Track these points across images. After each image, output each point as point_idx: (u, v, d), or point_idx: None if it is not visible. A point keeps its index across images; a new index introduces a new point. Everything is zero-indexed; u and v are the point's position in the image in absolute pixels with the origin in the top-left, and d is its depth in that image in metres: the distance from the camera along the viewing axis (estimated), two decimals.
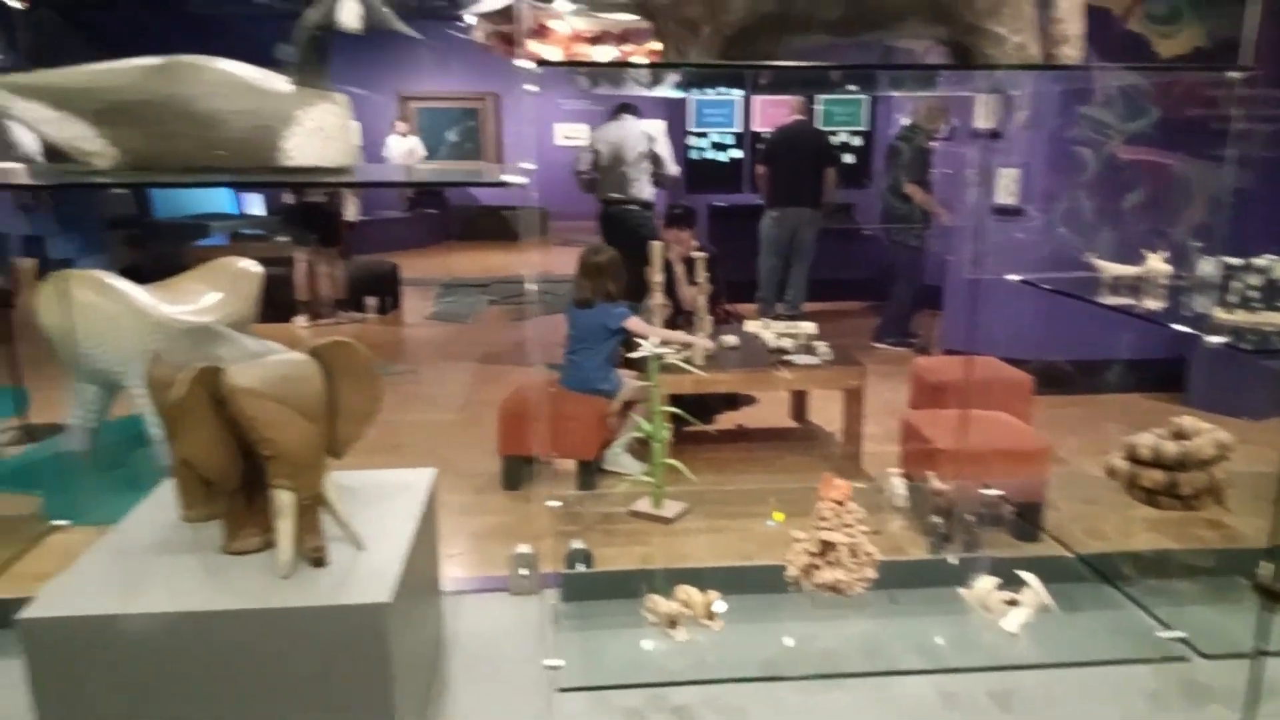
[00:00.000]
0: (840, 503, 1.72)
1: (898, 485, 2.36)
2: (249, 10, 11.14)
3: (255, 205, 13.42)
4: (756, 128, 8.89)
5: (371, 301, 7.94)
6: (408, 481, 2.05)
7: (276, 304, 6.07)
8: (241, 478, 1.63)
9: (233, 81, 1.47)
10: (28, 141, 1.94)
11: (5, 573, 3.12)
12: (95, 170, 1.43)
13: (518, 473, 3.97)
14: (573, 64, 1.82)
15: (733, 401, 4.76)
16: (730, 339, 4.33)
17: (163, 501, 1.92)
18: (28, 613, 1.48)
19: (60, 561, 2.26)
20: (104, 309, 4.01)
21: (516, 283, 9.11)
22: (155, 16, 10.95)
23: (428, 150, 12.71)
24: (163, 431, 1.77)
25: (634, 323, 4.00)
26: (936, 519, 2.36)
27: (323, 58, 1.53)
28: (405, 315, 7.97)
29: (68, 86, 1.45)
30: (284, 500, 1.56)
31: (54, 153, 1.53)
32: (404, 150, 11.86)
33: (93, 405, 4.36)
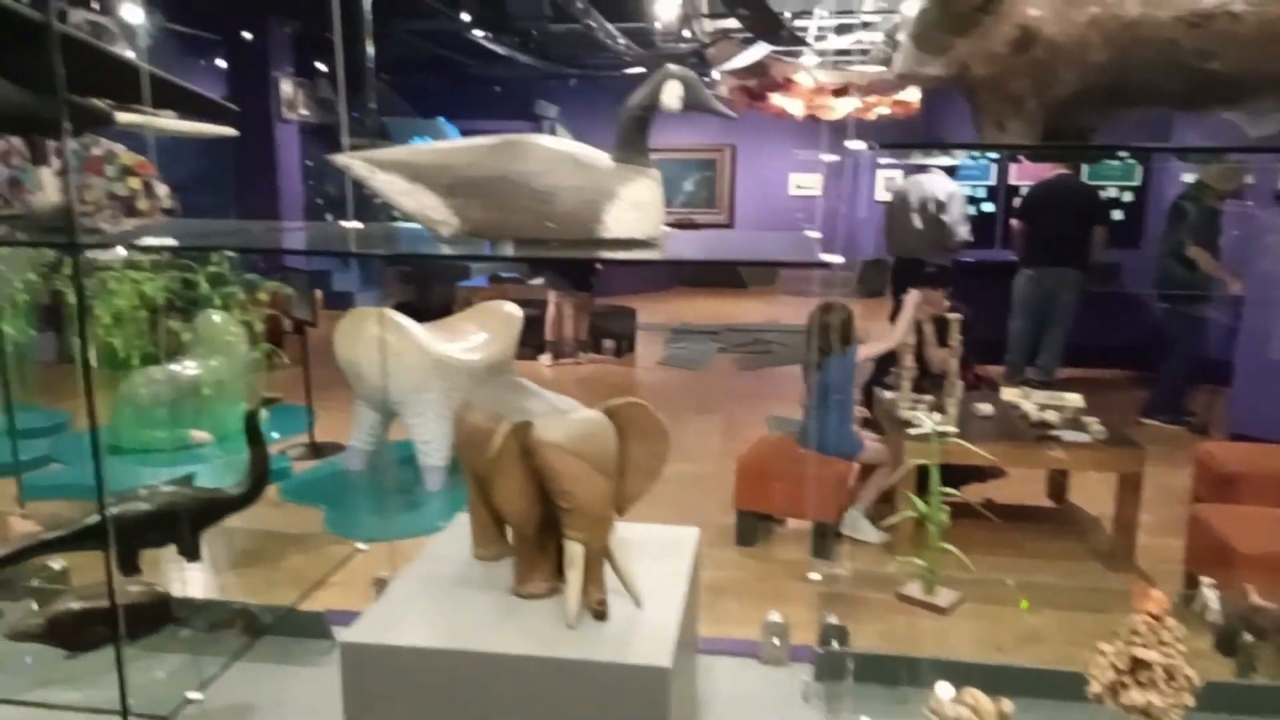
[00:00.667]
0: (1157, 617, 1.55)
1: (1211, 598, 2.11)
2: (525, 73, 12.09)
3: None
4: (1013, 181, 8.46)
5: (609, 344, 8.27)
6: (674, 539, 2.08)
7: (524, 342, 6.46)
8: (537, 525, 1.72)
9: (564, 158, 1.58)
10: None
11: (298, 584, 3.46)
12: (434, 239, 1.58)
13: (753, 529, 3.95)
14: (904, 145, 1.79)
15: (980, 474, 4.48)
16: (984, 407, 4.10)
17: (456, 535, 2.06)
18: (349, 636, 1.63)
19: (347, 577, 2.47)
20: (391, 344, 4.42)
21: (747, 331, 9.14)
22: (447, 82, 12.15)
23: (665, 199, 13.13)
24: (466, 473, 1.91)
25: (865, 348, 3.93)
26: (1249, 637, 2.08)
27: (642, 136, 1.60)
28: (639, 359, 8.21)
29: (421, 163, 1.62)
30: (576, 552, 1.63)
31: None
32: None
33: (372, 430, 4.81)
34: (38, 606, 2.04)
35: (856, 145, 1.51)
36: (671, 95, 1.58)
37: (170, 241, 1.45)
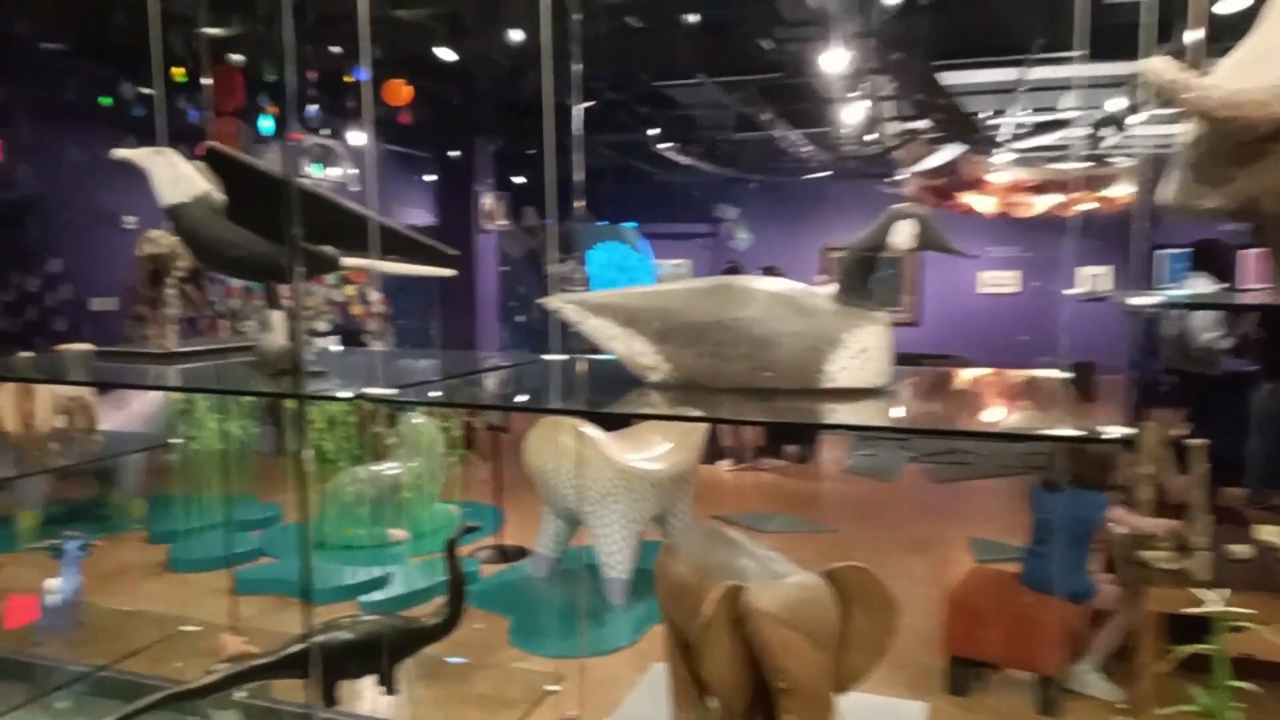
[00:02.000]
0: None
1: None
2: (706, 178, 12.39)
3: None
4: (1247, 284, 7.65)
5: (790, 449, 8.02)
6: (898, 715, 1.86)
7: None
8: (747, 699, 1.56)
9: (783, 302, 1.48)
10: None
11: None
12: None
13: (966, 677, 3.57)
14: None
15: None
16: (1240, 549, 3.57)
17: (653, 692, 1.93)
18: None
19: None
20: (579, 454, 4.43)
21: (939, 437, 8.64)
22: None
23: None
24: (666, 625, 1.79)
25: (1119, 514, 3.47)
26: None
27: (867, 278, 1.48)
28: (822, 466, 7.91)
29: (632, 307, 1.56)
30: None
31: None
32: None
33: (558, 537, 4.81)
34: None
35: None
36: (904, 235, 1.46)
37: (390, 393, 1.44)
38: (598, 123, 9.46)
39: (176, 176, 1.67)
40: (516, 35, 5.87)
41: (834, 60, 5.84)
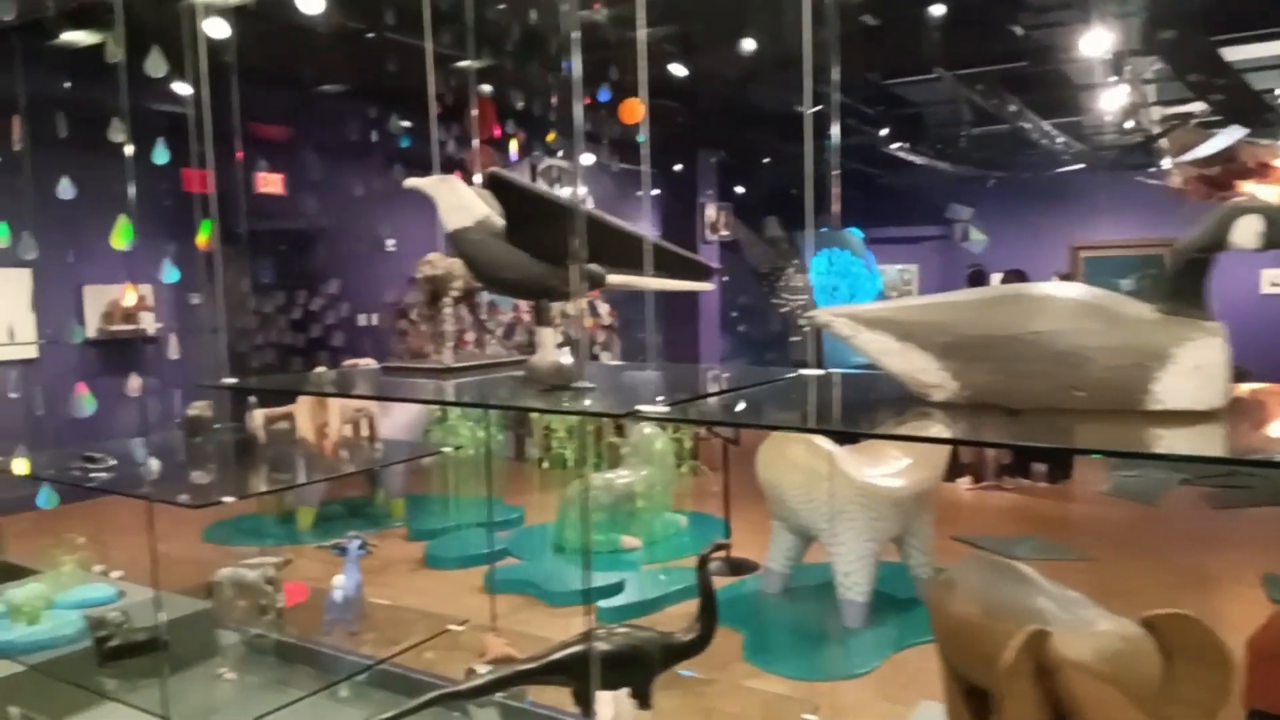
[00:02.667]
0: None
1: None
2: (937, 178, 11.84)
3: None
4: None
5: (1039, 468, 7.42)
6: None
7: None
8: None
9: (1091, 312, 1.32)
10: None
11: None
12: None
13: None
14: None
15: None
16: None
17: None
18: None
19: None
20: (814, 468, 4.31)
21: (1219, 459, 7.67)
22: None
23: None
24: (943, 667, 1.66)
25: None
26: None
27: (1201, 283, 1.29)
28: (1076, 487, 7.24)
29: (911, 320, 1.46)
30: None
31: None
32: None
33: (789, 552, 4.70)
34: None
35: None
36: (1247, 233, 1.26)
37: (663, 411, 1.43)
38: (824, 126, 9.25)
39: (459, 203, 1.76)
40: (746, 46, 5.86)
41: (1095, 42, 5.34)
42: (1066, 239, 13.43)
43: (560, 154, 9.30)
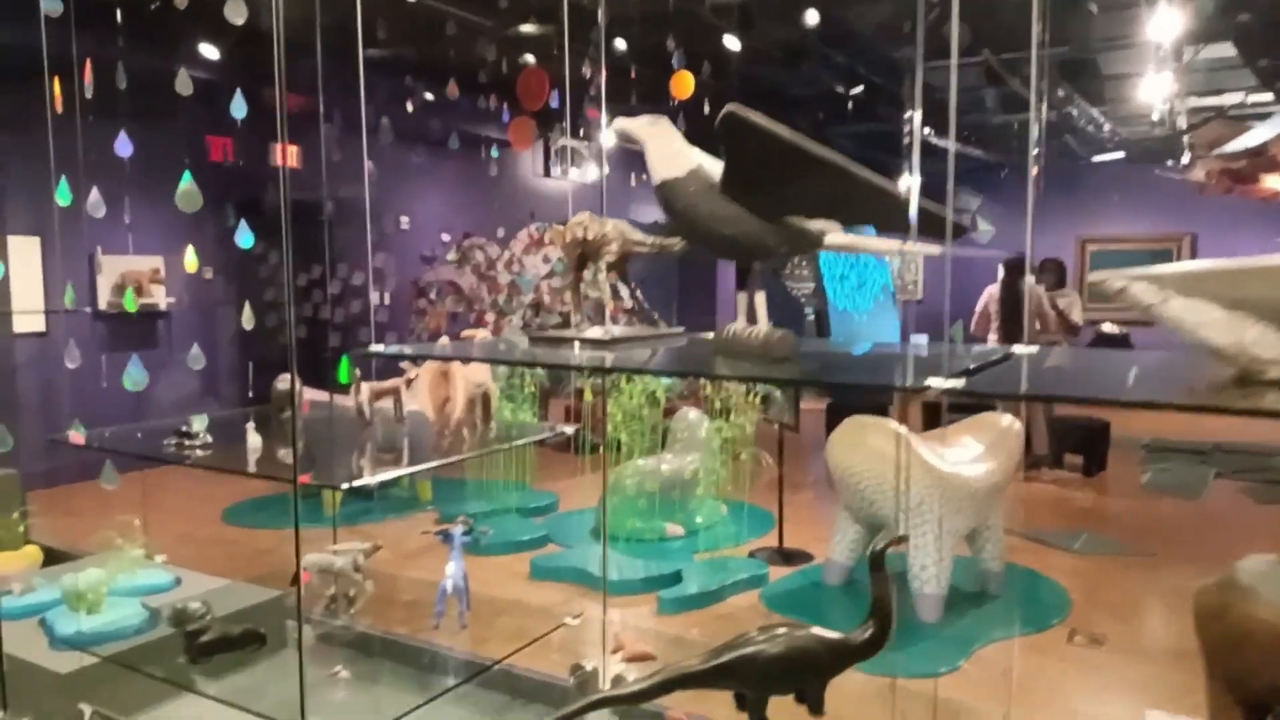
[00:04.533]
0: None
1: None
2: (941, 165, 11.71)
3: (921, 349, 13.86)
4: None
5: (1073, 460, 7.32)
6: None
7: None
8: None
9: None
10: None
11: None
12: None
13: None
14: None
15: None
16: None
17: None
18: None
19: None
20: (892, 456, 4.14)
21: (1251, 453, 7.61)
22: None
23: None
24: (1211, 676, 1.49)
25: None
26: None
27: None
28: (1111, 480, 7.15)
29: (1246, 284, 1.26)
30: None
31: None
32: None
33: (855, 544, 4.53)
34: None
35: None
36: None
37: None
38: (843, 113, 9.09)
39: (672, 150, 1.55)
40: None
41: (1164, 25, 5.19)
42: (1075, 231, 13.37)
43: (582, 133, 9.04)
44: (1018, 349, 1.75)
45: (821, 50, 7.15)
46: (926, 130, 9.42)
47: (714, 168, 1.57)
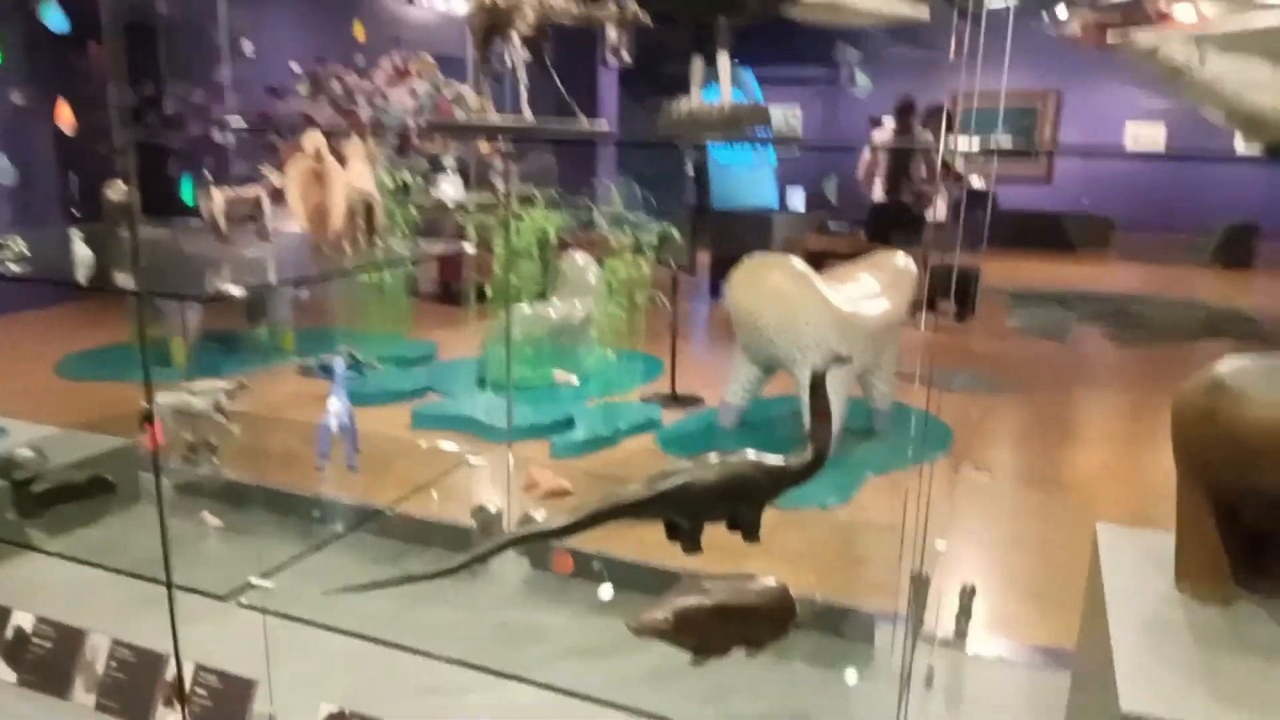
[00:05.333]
0: None
1: None
2: None
3: (796, 200, 13.89)
4: None
5: (944, 305, 7.50)
6: None
7: None
8: None
9: None
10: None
11: None
12: None
13: None
14: None
15: None
16: None
17: (1144, 556, 1.57)
18: (1130, 705, 1.17)
19: None
20: (794, 295, 4.02)
21: (1106, 300, 8.02)
22: None
23: None
24: (1188, 478, 1.40)
25: None
26: None
27: None
28: (981, 323, 7.39)
29: None
30: None
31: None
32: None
33: (750, 385, 4.46)
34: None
35: None
36: None
37: None
38: None
39: None
40: None
41: None
42: (947, 87, 13.42)
43: None
44: None
45: None
46: None
47: None
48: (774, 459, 1.88)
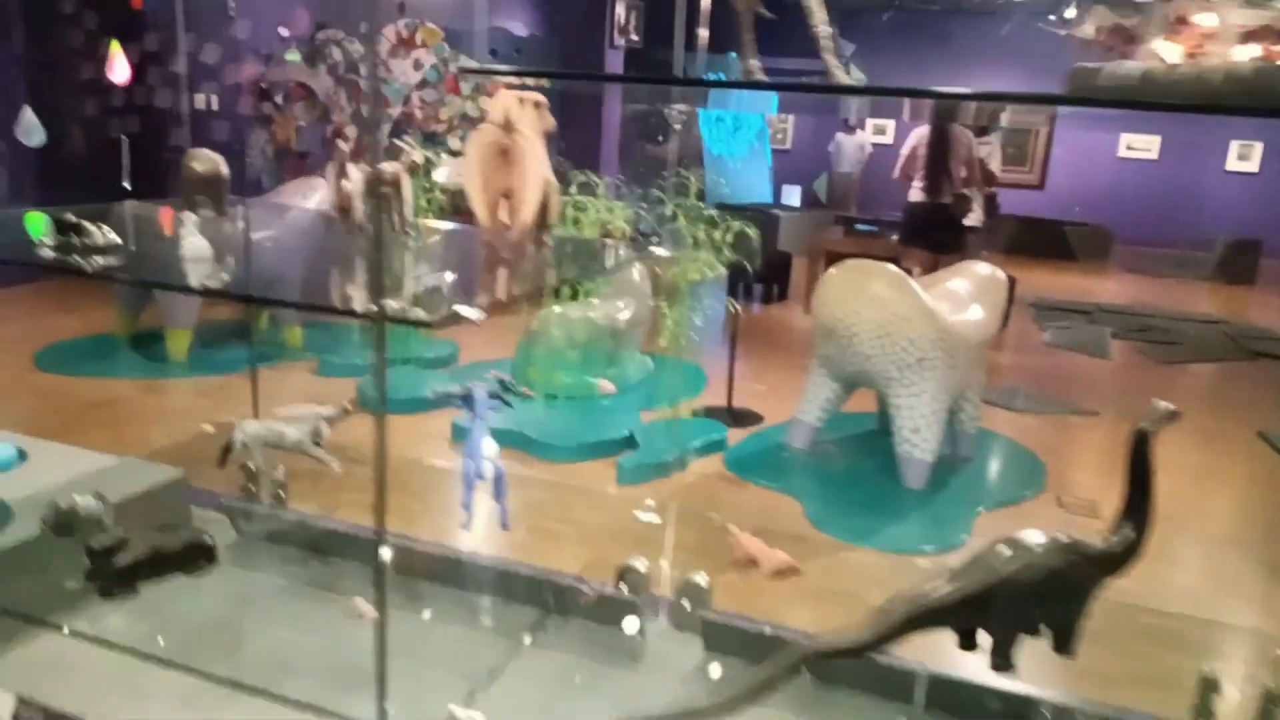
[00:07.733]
0: None
1: None
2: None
3: (793, 196, 13.57)
4: None
5: None
6: None
7: None
8: None
9: None
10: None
11: None
12: None
13: None
14: None
15: None
16: None
17: None
18: None
19: None
20: (898, 306, 3.63)
21: (1126, 314, 7.80)
22: None
23: None
24: None
25: None
26: None
27: None
28: (1013, 337, 7.11)
29: None
30: None
31: None
32: (854, 145, 12.42)
33: (828, 403, 4.06)
34: None
35: None
36: None
37: None
38: None
39: None
40: None
41: None
42: (948, 83, 13.18)
43: None
44: None
45: None
46: None
47: None
48: (1092, 542, 1.47)
